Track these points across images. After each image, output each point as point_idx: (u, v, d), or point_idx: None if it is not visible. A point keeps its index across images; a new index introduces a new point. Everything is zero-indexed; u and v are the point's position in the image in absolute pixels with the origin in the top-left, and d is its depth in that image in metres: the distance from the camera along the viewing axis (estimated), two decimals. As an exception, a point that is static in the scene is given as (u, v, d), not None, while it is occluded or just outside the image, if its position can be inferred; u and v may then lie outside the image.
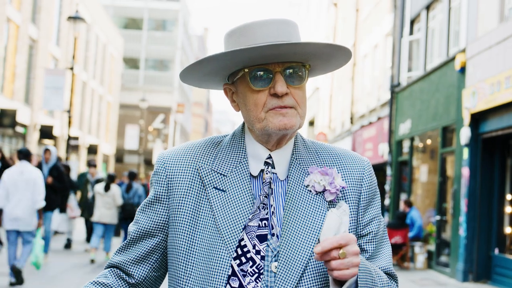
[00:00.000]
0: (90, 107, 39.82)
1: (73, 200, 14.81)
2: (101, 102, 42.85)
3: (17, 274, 9.21)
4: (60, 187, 12.48)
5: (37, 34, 27.74)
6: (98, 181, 14.92)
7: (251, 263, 1.68)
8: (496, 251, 12.55)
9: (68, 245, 15.02)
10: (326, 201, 1.75)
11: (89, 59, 38.33)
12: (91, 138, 39.96)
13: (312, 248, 1.69)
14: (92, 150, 39.05)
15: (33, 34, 27.25)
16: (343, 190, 1.79)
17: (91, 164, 15.88)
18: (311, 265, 1.69)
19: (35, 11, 27.65)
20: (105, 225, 13.11)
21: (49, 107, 23.68)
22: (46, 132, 28.28)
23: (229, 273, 1.67)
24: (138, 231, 1.82)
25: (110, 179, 13.29)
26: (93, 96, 40.34)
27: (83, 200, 15.15)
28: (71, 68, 19.82)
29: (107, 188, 13.00)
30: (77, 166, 24.22)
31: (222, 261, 1.68)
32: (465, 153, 13.05)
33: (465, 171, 13.00)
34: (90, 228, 14.98)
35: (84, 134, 37.63)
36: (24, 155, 9.67)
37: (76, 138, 31.54)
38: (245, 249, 1.69)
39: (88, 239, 15.45)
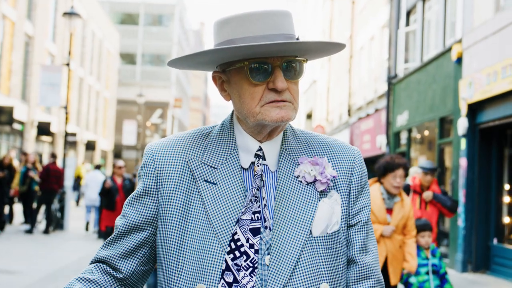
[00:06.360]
0: (87, 103, 39.78)
1: None
2: (98, 98, 42.80)
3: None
4: None
5: (33, 31, 27.67)
6: None
7: (245, 257, 1.66)
8: (495, 241, 12.56)
9: None
10: (317, 191, 1.73)
11: (85, 55, 38.27)
12: (88, 134, 39.93)
13: (304, 240, 1.68)
14: (90, 146, 39.03)
15: (29, 30, 27.19)
16: (334, 180, 1.77)
17: None
18: (304, 256, 1.67)
19: (30, 8, 27.58)
20: None
21: (46, 103, 23.59)
22: (43, 129, 28.24)
23: (223, 268, 1.65)
24: (126, 225, 1.78)
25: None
26: (90, 92, 40.29)
27: None
28: (67, 64, 19.76)
29: None
30: (75, 162, 24.11)
31: (216, 256, 1.65)
32: (463, 143, 13.04)
33: (463, 162, 13.00)
34: None
35: (81, 130, 37.60)
36: (98, 167, 18.81)
37: (74, 135, 31.49)
38: (238, 243, 1.67)
39: None
